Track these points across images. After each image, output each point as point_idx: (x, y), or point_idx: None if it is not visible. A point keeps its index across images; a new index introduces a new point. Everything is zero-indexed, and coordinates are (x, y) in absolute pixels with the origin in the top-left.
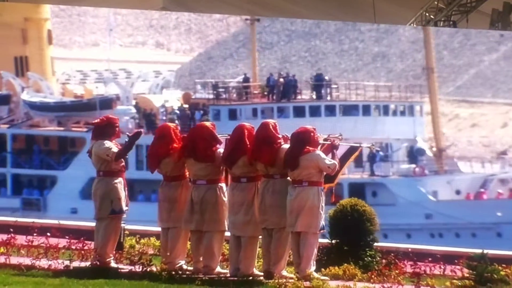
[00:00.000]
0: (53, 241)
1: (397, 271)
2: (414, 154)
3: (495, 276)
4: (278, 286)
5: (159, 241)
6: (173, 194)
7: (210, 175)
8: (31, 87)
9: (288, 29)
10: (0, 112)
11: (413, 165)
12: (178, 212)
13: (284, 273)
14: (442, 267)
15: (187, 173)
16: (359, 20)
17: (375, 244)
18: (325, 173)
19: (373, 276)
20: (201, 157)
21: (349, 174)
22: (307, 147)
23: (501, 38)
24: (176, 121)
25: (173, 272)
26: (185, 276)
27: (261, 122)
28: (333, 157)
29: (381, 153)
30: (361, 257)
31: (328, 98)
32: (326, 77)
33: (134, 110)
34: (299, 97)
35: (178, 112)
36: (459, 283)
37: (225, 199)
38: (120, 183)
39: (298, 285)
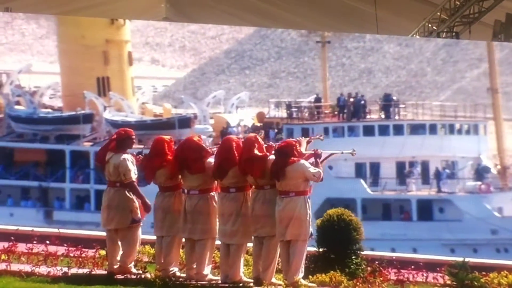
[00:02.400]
0: (52, 248)
1: (381, 279)
2: (479, 172)
3: (476, 283)
4: None
5: (153, 249)
6: (167, 204)
7: (202, 185)
8: (112, 106)
9: (278, 46)
10: (83, 130)
11: (479, 182)
12: (171, 221)
13: (273, 280)
14: (425, 274)
15: (180, 184)
16: (362, 31)
17: (361, 252)
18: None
19: (358, 283)
20: (193, 169)
21: (417, 191)
22: (292, 158)
23: (481, 56)
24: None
25: (167, 279)
26: (178, 282)
27: (246, 137)
28: (316, 166)
29: (447, 170)
30: (347, 265)
31: (396, 117)
32: (394, 97)
33: (211, 129)
34: (368, 116)
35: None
36: None
37: (217, 207)
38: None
39: None
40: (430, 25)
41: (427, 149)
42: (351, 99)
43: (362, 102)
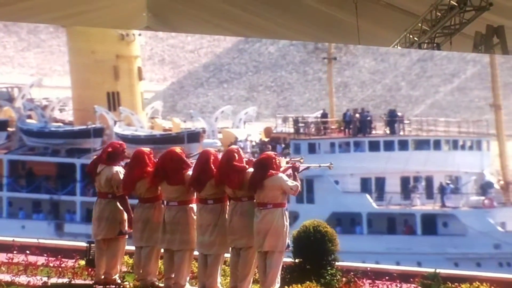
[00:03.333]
0: (32, 258)
1: None
2: (483, 187)
3: None
4: None
5: (132, 259)
6: (146, 215)
7: (181, 196)
8: (122, 121)
9: (256, 60)
10: (94, 144)
11: (482, 197)
12: (151, 231)
13: None
14: (398, 285)
15: (160, 195)
16: (344, 42)
17: (336, 263)
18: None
19: None
20: (173, 180)
21: (421, 206)
22: (270, 171)
23: (455, 71)
24: (256, 155)
25: None
26: None
27: (227, 149)
28: (294, 179)
29: (451, 185)
30: (323, 275)
31: (401, 133)
32: (399, 113)
33: (219, 144)
34: (373, 132)
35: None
36: None
37: (195, 218)
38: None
39: None
40: (411, 36)
41: (431, 165)
42: (357, 115)
43: (368, 118)
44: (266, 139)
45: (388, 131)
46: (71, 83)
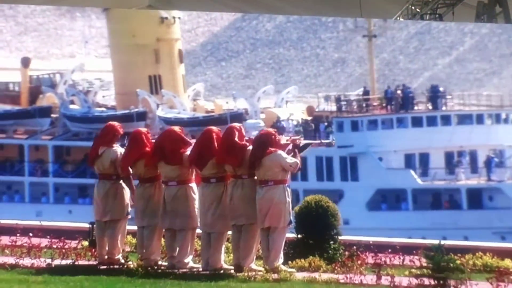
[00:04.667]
0: (35, 241)
1: (359, 262)
2: None
3: (451, 265)
4: (247, 278)
5: (135, 239)
6: (147, 195)
7: (180, 176)
8: (165, 104)
9: (253, 38)
10: (137, 127)
11: None
12: (152, 211)
13: (253, 266)
14: (401, 257)
15: (160, 175)
16: (346, 16)
17: (339, 237)
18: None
19: (337, 268)
20: (171, 160)
21: (466, 181)
22: (269, 148)
23: (453, 43)
24: (302, 134)
25: (149, 268)
26: (160, 271)
27: (228, 126)
28: (294, 156)
29: (496, 159)
30: (326, 250)
31: (443, 108)
32: (441, 88)
33: (262, 124)
34: (416, 108)
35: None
36: (418, 272)
37: (196, 197)
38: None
39: (266, 277)
40: (413, 8)
41: (475, 139)
42: (398, 91)
43: (410, 94)
44: (309, 118)
45: (430, 107)
46: (112, 65)
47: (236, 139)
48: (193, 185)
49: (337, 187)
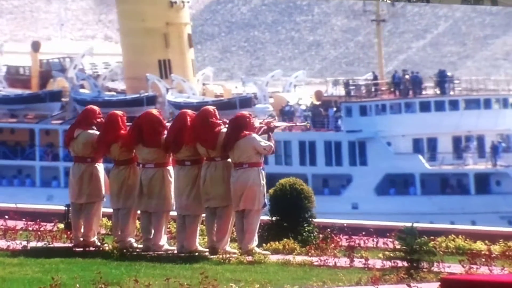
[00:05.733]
0: (11, 223)
1: (333, 245)
2: None
3: (424, 247)
4: (222, 260)
5: (110, 221)
6: (122, 177)
7: (158, 159)
8: (175, 88)
9: (229, 21)
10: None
11: None
12: (127, 194)
13: (228, 248)
14: (375, 240)
15: (135, 158)
16: None
17: (313, 220)
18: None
19: (311, 250)
20: (149, 142)
21: (474, 165)
22: (244, 131)
23: (427, 26)
24: (308, 118)
25: (124, 250)
26: (135, 253)
27: (202, 108)
28: (269, 139)
29: (503, 144)
30: (300, 232)
31: (451, 93)
32: (449, 73)
33: (271, 108)
34: (424, 92)
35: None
36: (391, 255)
37: (172, 180)
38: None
39: (241, 260)
40: None
41: (482, 124)
42: (407, 76)
43: (418, 79)
44: (317, 103)
45: (438, 91)
46: (121, 49)
47: (210, 121)
48: (170, 168)
49: (345, 171)
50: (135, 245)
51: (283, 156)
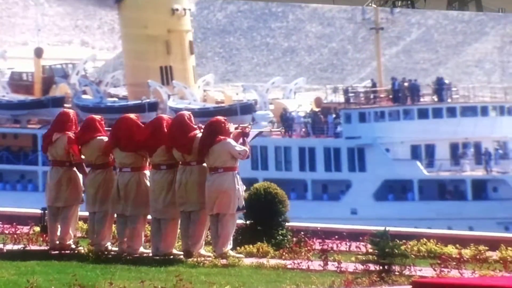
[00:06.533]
0: None
1: (306, 248)
2: None
3: (396, 250)
4: (196, 264)
5: (86, 225)
6: (98, 181)
7: (134, 163)
8: (176, 95)
9: (204, 27)
10: (149, 118)
11: None
12: (103, 197)
13: (203, 252)
14: (348, 243)
15: (111, 162)
16: (318, 2)
17: (286, 224)
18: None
19: (284, 253)
20: (126, 146)
21: (471, 172)
22: (219, 136)
23: (400, 33)
24: (308, 125)
25: (100, 253)
26: (110, 256)
27: (177, 113)
28: (243, 144)
29: (500, 151)
30: (274, 236)
31: (449, 100)
32: (446, 81)
33: (271, 115)
34: (421, 99)
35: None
36: (363, 258)
37: (149, 184)
38: None
39: (215, 263)
40: None
41: (479, 131)
42: (405, 84)
43: (417, 87)
44: (317, 109)
45: (436, 99)
46: (124, 55)
47: (185, 126)
48: (147, 172)
49: (345, 177)
50: (110, 248)
51: (283, 162)
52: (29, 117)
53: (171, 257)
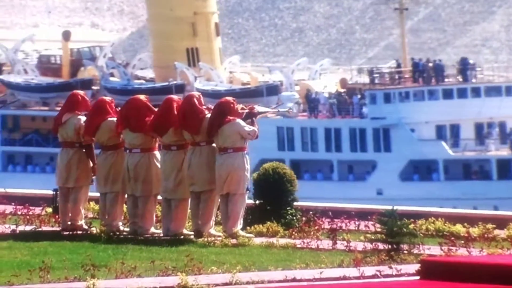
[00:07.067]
0: (0, 207)
1: (315, 228)
2: None
3: (404, 229)
4: (207, 243)
5: (98, 205)
6: (109, 162)
7: (144, 144)
8: (203, 77)
9: None
10: None
11: None
12: (114, 178)
13: (213, 231)
14: (357, 223)
15: (122, 143)
16: None
17: (295, 203)
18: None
19: (294, 233)
20: (135, 127)
21: (496, 151)
22: (228, 117)
23: (407, 13)
24: (334, 106)
25: (111, 233)
26: (122, 236)
27: (187, 94)
28: (252, 124)
29: None
30: (283, 215)
31: (473, 80)
32: (471, 61)
33: (297, 96)
34: (446, 80)
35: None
36: (372, 237)
37: (158, 165)
38: None
39: (225, 242)
40: None
41: (504, 110)
42: (430, 64)
43: (441, 67)
44: (342, 90)
45: (460, 79)
46: (150, 37)
47: (195, 107)
48: (157, 153)
49: (370, 157)
50: (122, 228)
51: (309, 143)
52: (58, 100)
53: (182, 237)
